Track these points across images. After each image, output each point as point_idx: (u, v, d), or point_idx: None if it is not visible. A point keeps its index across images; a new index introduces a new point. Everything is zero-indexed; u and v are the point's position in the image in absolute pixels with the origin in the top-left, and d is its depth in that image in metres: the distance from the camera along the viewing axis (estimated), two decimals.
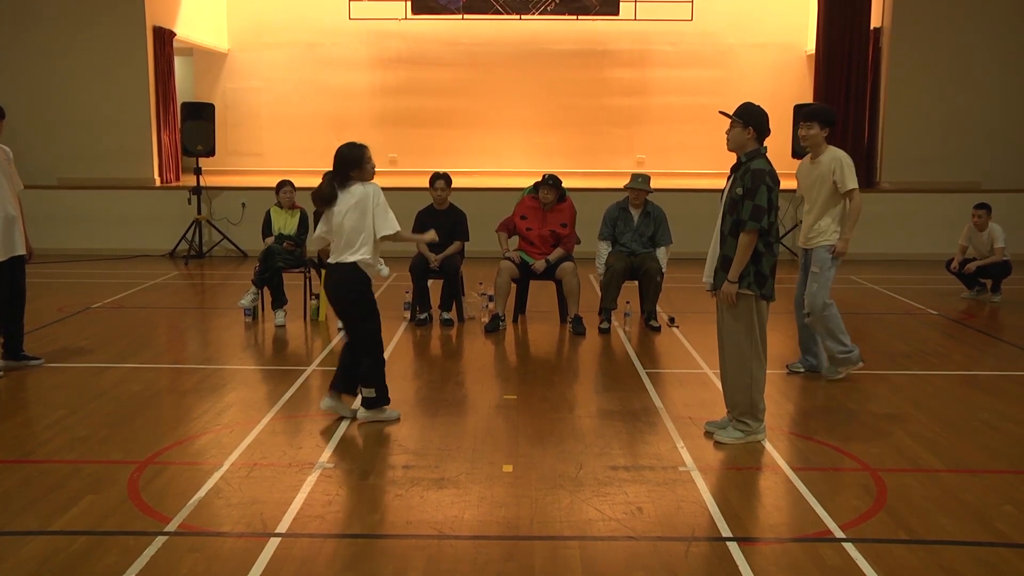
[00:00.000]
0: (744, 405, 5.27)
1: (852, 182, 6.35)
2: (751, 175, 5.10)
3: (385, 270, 6.52)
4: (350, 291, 5.50)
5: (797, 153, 12.59)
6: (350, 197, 5.39)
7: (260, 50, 16.50)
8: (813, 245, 6.48)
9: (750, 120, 5.16)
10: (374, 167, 5.57)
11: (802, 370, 6.80)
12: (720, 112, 5.39)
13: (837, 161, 6.36)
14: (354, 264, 5.42)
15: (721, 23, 16.12)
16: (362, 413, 5.60)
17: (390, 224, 5.43)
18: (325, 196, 5.43)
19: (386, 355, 7.25)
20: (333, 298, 5.64)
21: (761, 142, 5.20)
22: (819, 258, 6.42)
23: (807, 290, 6.48)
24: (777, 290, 5.39)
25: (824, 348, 6.62)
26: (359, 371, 5.60)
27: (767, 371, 5.26)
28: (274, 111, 16.51)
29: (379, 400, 5.59)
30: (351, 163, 5.45)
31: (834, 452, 5.19)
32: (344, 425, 5.54)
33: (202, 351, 7.86)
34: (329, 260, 5.55)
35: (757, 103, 5.24)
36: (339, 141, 5.61)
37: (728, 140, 5.25)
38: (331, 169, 5.49)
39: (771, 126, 5.23)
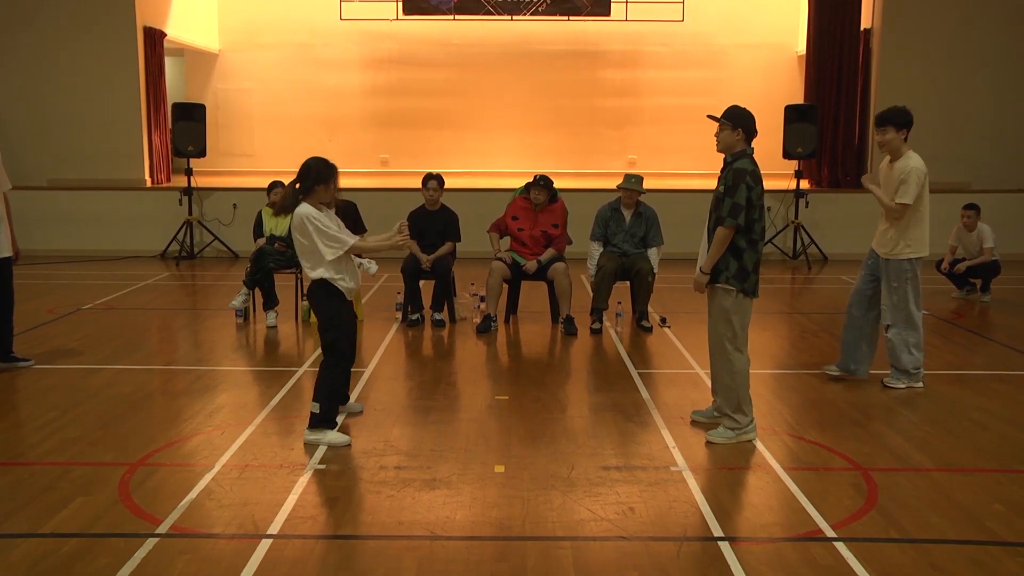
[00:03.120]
0: (732, 402, 5.32)
1: (906, 196, 6.11)
2: (732, 173, 5.22)
3: (374, 268, 6.48)
4: (314, 300, 5.29)
5: (788, 153, 12.63)
6: (292, 218, 5.15)
7: (251, 50, 16.45)
8: (886, 255, 6.32)
9: (739, 122, 5.27)
10: (337, 188, 5.37)
11: (837, 373, 6.61)
12: (708, 116, 5.46)
13: (904, 171, 6.12)
14: (320, 280, 5.19)
15: (712, 24, 16.14)
16: (307, 435, 5.23)
17: (332, 249, 5.09)
18: (287, 206, 5.16)
19: (377, 356, 7.28)
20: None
21: (749, 143, 5.32)
22: (896, 271, 6.27)
23: (887, 302, 6.33)
24: (775, 291, 5.40)
25: (894, 359, 6.42)
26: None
27: (760, 371, 5.29)
28: (265, 112, 16.47)
29: (322, 420, 5.19)
30: (319, 178, 5.10)
31: (825, 451, 5.21)
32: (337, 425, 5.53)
33: (193, 352, 7.85)
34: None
35: (745, 105, 5.34)
36: (330, 142, 5.58)
37: (718, 142, 5.37)
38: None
39: (763, 126, 5.33)
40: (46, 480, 4.67)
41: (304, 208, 5.12)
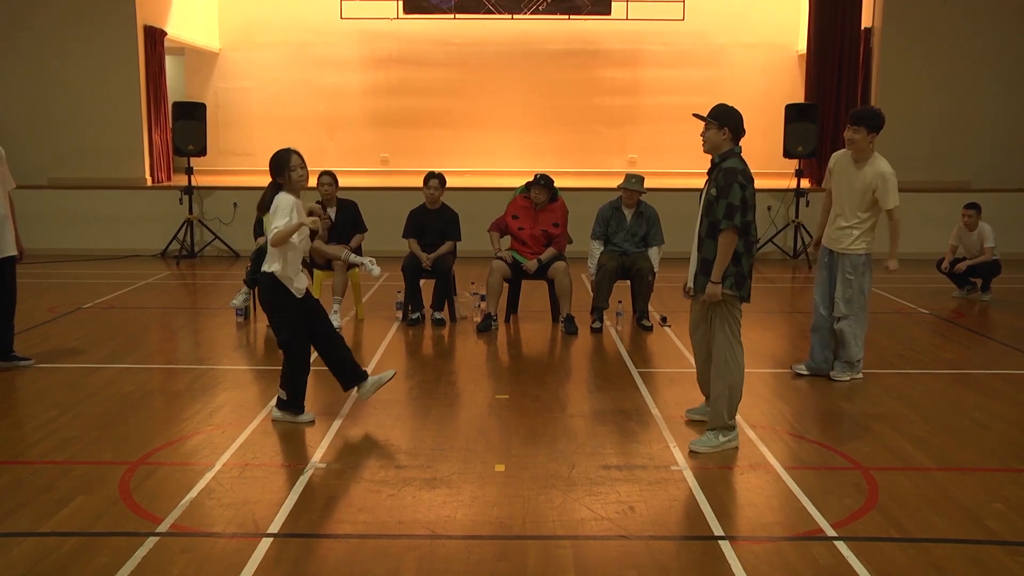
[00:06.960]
0: (731, 408, 5.20)
1: (894, 200, 6.36)
2: (723, 174, 5.08)
3: (376, 270, 6.52)
4: (264, 300, 5.59)
5: (788, 152, 12.62)
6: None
7: (251, 49, 16.44)
8: (844, 250, 6.45)
9: (725, 121, 5.14)
10: (303, 175, 5.49)
11: (806, 373, 6.69)
12: (694, 115, 5.36)
13: (881, 177, 6.32)
14: (270, 274, 5.42)
15: (713, 23, 16.12)
16: (275, 413, 5.62)
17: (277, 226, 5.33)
18: (264, 202, 5.51)
19: (377, 355, 7.28)
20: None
21: (736, 142, 5.18)
22: (853, 264, 6.45)
23: (839, 294, 6.46)
24: (775, 290, 5.39)
25: (843, 350, 6.56)
26: (346, 363, 5.70)
27: (760, 370, 5.28)
28: (265, 111, 16.45)
29: (288, 404, 5.58)
30: (276, 168, 5.49)
31: (826, 451, 5.21)
32: (336, 425, 5.54)
33: (194, 351, 7.85)
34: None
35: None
36: (331, 141, 5.64)
37: (704, 142, 5.23)
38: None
39: (763, 125, 5.25)
40: (46, 479, 4.67)
41: (281, 197, 5.42)
